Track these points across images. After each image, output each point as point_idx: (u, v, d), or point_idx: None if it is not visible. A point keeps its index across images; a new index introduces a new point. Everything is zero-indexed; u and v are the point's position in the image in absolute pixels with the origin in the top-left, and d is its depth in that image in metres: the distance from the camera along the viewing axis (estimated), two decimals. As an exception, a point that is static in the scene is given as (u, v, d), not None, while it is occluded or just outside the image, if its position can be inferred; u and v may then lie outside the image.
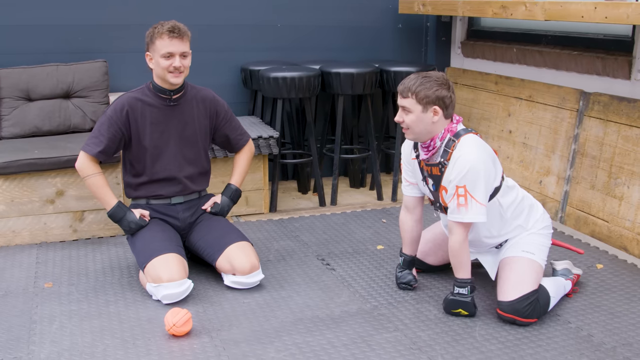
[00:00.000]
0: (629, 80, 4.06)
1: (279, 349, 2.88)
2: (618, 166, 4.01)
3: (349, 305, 3.30)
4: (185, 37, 3.45)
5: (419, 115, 3.03)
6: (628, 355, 2.84)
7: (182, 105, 3.58)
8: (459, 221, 3.05)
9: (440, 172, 3.11)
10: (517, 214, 3.25)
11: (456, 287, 3.15)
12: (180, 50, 3.42)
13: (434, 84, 3.01)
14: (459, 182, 3.01)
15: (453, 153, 3.05)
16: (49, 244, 4.06)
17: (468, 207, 3.00)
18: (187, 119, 3.59)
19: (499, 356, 2.83)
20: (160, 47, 3.41)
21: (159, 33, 3.40)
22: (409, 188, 3.36)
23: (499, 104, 5.05)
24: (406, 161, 3.33)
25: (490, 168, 3.05)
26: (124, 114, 3.49)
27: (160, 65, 3.43)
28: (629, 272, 3.66)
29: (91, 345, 2.92)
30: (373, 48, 5.59)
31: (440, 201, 3.19)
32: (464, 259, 3.11)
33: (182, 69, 3.44)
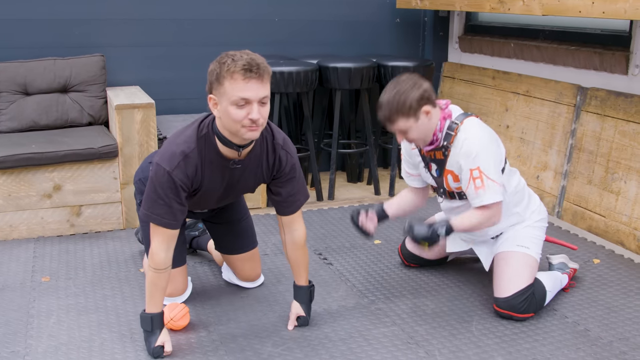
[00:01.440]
0: (626, 76, 4.07)
1: (277, 343, 2.88)
2: (615, 161, 4.02)
3: (346, 299, 3.30)
4: (266, 76, 2.56)
5: (416, 125, 2.98)
6: (624, 349, 2.85)
7: (248, 165, 2.84)
8: (482, 205, 3.00)
9: (443, 155, 3.09)
10: (518, 200, 3.25)
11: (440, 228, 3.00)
12: (259, 96, 2.54)
13: (407, 88, 2.94)
14: (471, 165, 2.97)
15: (457, 136, 3.03)
16: (46, 238, 4.06)
17: (486, 187, 2.97)
18: (247, 176, 2.89)
19: (496, 350, 2.84)
20: (232, 91, 2.52)
21: (229, 71, 2.52)
22: (410, 179, 3.37)
23: (497, 99, 5.05)
24: (406, 153, 3.32)
25: (496, 147, 3.06)
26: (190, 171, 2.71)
27: (231, 116, 2.55)
28: (626, 267, 3.67)
29: (89, 339, 2.92)
30: (370, 43, 5.58)
31: (444, 186, 3.18)
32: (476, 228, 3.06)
33: (260, 121, 2.57)
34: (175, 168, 2.65)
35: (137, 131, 4.10)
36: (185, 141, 2.70)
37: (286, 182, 2.89)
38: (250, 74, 2.50)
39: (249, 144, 2.73)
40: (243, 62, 2.50)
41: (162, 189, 2.66)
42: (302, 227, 3.00)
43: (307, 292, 3.05)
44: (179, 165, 2.65)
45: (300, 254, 3.01)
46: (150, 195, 2.69)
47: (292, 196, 2.91)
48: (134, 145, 4.11)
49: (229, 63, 2.52)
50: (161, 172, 2.65)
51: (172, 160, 2.65)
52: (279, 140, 2.84)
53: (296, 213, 2.96)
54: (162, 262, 2.74)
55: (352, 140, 5.33)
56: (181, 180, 2.66)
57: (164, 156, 2.67)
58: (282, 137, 2.87)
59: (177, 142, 2.71)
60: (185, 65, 5.03)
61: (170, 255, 2.77)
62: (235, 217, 3.33)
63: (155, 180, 2.67)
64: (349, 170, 5.42)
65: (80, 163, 4.03)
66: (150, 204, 2.70)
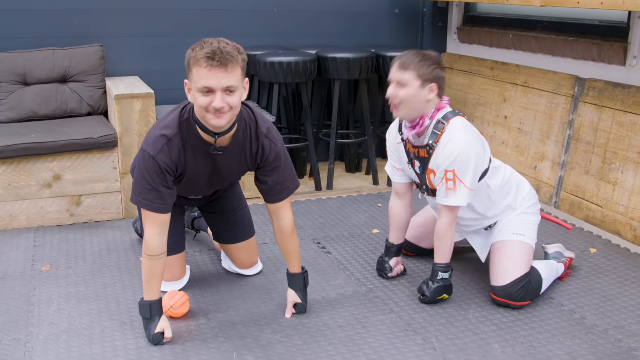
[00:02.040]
0: (624, 67, 4.08)
1: (276, 331, 2.91)
2: (612, 152, 4.04)
3: (345, 288, 3.33)
4: (232, 64, 2.54)
5: (417, 90, 2.99)
6: (620, 337, 2.87)
7: (230, 152, 2.86)
8: (447, 205, 3.07)
9: (427, 154, 3.11)
10: (505, 193, 3.27)
11: (440, 273, 3.15)
12: (223, 85, 2.54)
13: (433, 63, 3.01)
14: (448, 167, 3.01)
15: (442, 137, 3.03)
16: (47, 227, 4.08)
17: (457, 191, 3.02)
18: (230, 163, 2.90)
19: (493, 338, 2.86)
20: (197, 77, 2.56)
21: (195, 59, 2.56)
22: (397, 175, 3.37)
23: (495, 90, 5.07)
24: (392, 147, 3.33)
25: (480, 152, 3.06)
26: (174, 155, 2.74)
27: (198, 103, 2.60)
28: (622, 257, 3.69)
29: (89, 327, 2.94)
30: (370, 33, 5.60)
31: (427, 184, 3.21)
32: (448, 242, 3.13)
33: (225, 109, 2.58)
34: (159, 152, 2.68)
35: (137, 121, 4.12)
36: (168, 126, 2.73)
37: (271, 171, 2.90)
38: (212, 62, 2.51)
39: (228, 131, 2.73)
40: (207, 50, 2.53)
41: (149, 173, 2.70)
42: (290, 215, 3.00)
43: (301, 278, 3.07)
44: (163, 150, 2.69)
45: (289, 241, 3.03)
46: (139, 181, 2.73)
47: (278, 184, 2.92)
48: (134, 135, 4.13)
49: (197, 50, 2.56)
50: (146, 157, 2.69)
51: (155, 145, 2.69)
52: (262, 129, 2.85)
53: (283, 201, 2.96)
54: (156, 248, 2.77)
55: (350, 131, 5.35)
56: (165, 164, 2.69)
57: (149, 141, 2.72)
58: (266, 126, 2.87)
59: (161, 126, 2.75)
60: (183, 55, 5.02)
61: (164, 241, 2.79)
62: (231, 207, 3.36)
63: (142, 166, 2.71)
64: (347, 160, 5.44)
65: (80, 153, 4.05)
66: (140, 189, 2.73)
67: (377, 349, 2.77)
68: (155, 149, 2.69)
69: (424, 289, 3.17)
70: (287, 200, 2.98)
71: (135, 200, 2.76)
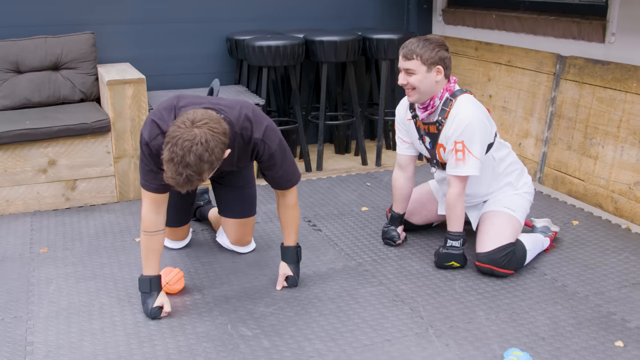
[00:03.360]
0: (603, 44, 4.18)
1: (269, 303, 3.01)
2: (593, 127, 4.15)
3: (335, 262, 3.44)
4: (196, 179, 2.57)
5: (425, 75, 3.17)
6: (599, 302, 2.99)
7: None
8: (456, 175, 3.21)
9: (437, 130, 3.26)
10: (510, 171, 3.43)
11: (449, 240, 3.30)
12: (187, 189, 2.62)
13: (436, 46, 3.17)
14: (457, 138, 3.17)
15: (450, 111, 3.21)
16: (43, 212, 4.17)
17: (465, 161, 3.17)
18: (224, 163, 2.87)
19: (477, 306, 2.98)
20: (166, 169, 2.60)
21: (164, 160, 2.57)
22: (403, 147, 3.52)
23: (479, 70, 5.16)
24: (400, 122, 3.47)
25: (486, 125, 3.22)
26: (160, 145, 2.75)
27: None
28: (603, 228, 3.81)
29: (88, 304, 3.04)
30: (356, 16, 5.68)
31: (437, 158, 3.34)
32: (458, 211, 3.27)
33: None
34: (154, 139, 2.81)
35: (129, 106, 4.20)
36: (163, 118, 2.83)
37: (269, 167, 2.99)
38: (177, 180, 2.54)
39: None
40: (170, 173, 2.53)
41: (145, 156, 2.86)
42: (294, 195, 3.12)
43: (294, 252, 3.18)
44: (157, 138, 2.80)
45: (290, 212, 3.13)
46: (140, 162, 2.92)
47: (278, 178, 3.03)
48: (126, 119, 4.22)
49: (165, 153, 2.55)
50: (143, 142, 2.85)
51: (151, 131, 2.83)
52: (257, 135, 2.89)
53: (288, 190, 3.09)
54: (152, 224, 2.90)
55: (339, 113, 5.44)
56: (156, 150, 2.79)
57: (146, 125, 2.86)
58: (261, 131, 2.90)
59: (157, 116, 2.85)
60: (174, 41, 5.12)
61: (161, 219, 2.93)
62: (239, 184, 3.48)
63: (141, 149, 2.89)
64: (336, 141, 5.54)
65: (74, 138, 4.13)
66: (141, 170, 2.92)
67: (366, 319, 2.88)
68: (151, 135, 2.82)
69: (435, 253, 3.36)
70: (292, 189, 3.11)
71: (140, 181, 2.94)
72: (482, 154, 3.21)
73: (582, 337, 2.73)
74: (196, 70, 5.21)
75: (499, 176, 3.40)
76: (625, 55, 4.04)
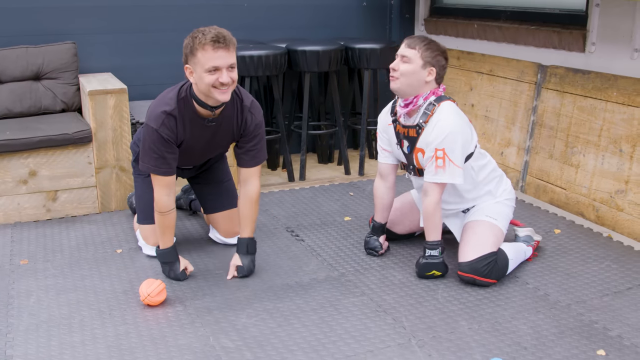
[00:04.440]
0: (584, 53, 4.21)
1: (251, 315, 3.00)
2: (574, 136, 4.17)
3: (317, 273, 3.43)
4: (232, 46, 3.01)
5: (417, 69, 3.21)
6: (581, 311, 3.00)
7: (222, 123, 3.26)
8: (436, 182, 3.21)
9: (416, 133, 3.27)
10: (489, 180, 3.43)
11: (427, 250, 3.30)
12: (227, 63, 2.99)
13: (438, 51, 3.23)
14: (438, 145, 3.18)
15: (432, 117, 3.22)
16: (23, 223, 4.13)
17: (445, 168, 3.18)
18: (221, 133, 3.30)
19: (460, 315, 2.98)
20: (204, 60, 2.97)
21: (200, 44, 2.96)
22: (384, 155, 3.52)
23: (461, 79, 5.18)
24: (382, 129, 3.48)
25: (467, 133, 3.24)
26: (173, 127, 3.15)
27: (204, 81, 2.99)
28: (585, 236, 3.83)
29: (68, 316, 3.01)
30: (338, 26, 5.69)
31: (414, 163, 3.34)
32: (436, 220, 3.27)
33: (229, 83, 3.02)
34: (161, 125, 3.12)
35: (110, 116, 4.18)
36: (167, 103, 3.15)
37: (251, 138, 3.30)
38: (218, 44, 2.95)
39: (221, 105, 3.14)
40: (212, 35, 2.97)
41: (154, 144, 3.14)
42: (257, 184, 3.36)
43: (245, 244, 3.38)
44: (164, 123, 3.12)
45: (251, 206, 3.35)
46: (146, 150, 3.17)
47: (252, 150, 3.31)
48: (108, 130, 4.20)
49: (200, 37, 2.98)
50: (151, 131, 3.13)
51: (157, 119, 3.12)
52: (246, 103, 3.27)
53: (254, 168, 3.34)
54: (165, 205, 3.23)
55: (322, 122, 5.44)
56: (167, 135, 3.13)
57: (151, 117, 3.15)
58: (249, 100, 3.29)
59: (161, 103, 3.17)
60: (156, 50, 5.10)
61: (172, 199, 3.25)
62: (218, 179, 3.74)
63: (147, 138, 3.16)
64: (319, 151, 5.54)
65: (55, 149, 4.11)
66: (147, 158, 3.18)
67: (349, 329, 2.87)
68: (157, 123, 3.12)
69: (416, 264, 3.36)
70: (257, 169, 3.36)
71: (145, 167, 3.20)
72: (462, 162, 3.22)
73: (565, 346, 2.74)
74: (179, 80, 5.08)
75: (478, 184, 3.41)
76: (605, 65, 4.07)
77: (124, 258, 3.62)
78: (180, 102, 3.15)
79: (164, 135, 3.12)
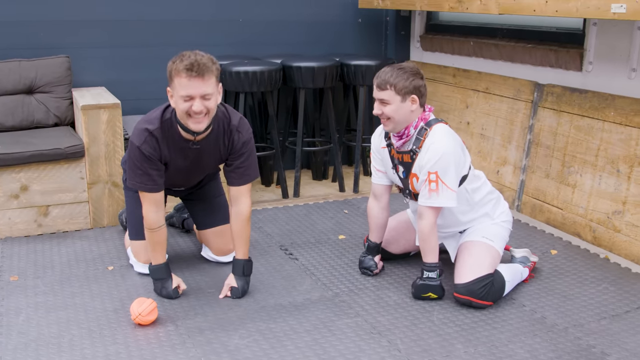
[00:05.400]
0: (581, 72, 4.19)
1: (243, 336, 2.95)
2: (571, 155, 4.14)
3: (311, 292, 3.38)
4: (208, 74, 2.93)
5: (399, 105, 3.15)
6: (579, 335, 2.96)
7: (206, 146, 3.24)
8: (429, 205, 3.17)
9: (411, 159, 3.23)
10: (486, 201, 3.40)
11: (425, 272, 3.26)
12: (200, 92, 2.93)
13: (410, 74, 3.15)
14: (430, 168, 3.13)
15: (425, 141, 3.18)
16: (14, 238, 4.08)
17: (439, 192, 3.13)
18: (207, 155, 3.29)
19: (456, 338, 2.93)
20: (179, 87, 2.94)
21: (176, 70, 2.93)
22: (377, 176, 3.48)
23: (457, 96, 5.16)
24: (376, 150, 3.45)
25: (460, 156, 3.20)
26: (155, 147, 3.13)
27: (179, 107, 2.99)
28: (582, 257, 3.79)
29: (58, 335, 2.96)
30: (334, 42, 5.67)
31: (410, 188, 3.31)
32: (432, 243, 3.23)
33: (203, 112, 2.98)
34: (143, 143, 3.11)
35: (103, 131, 4.14)
36: (151, 121, 3.14)
37: (238, 156, 3.27)
38: (191, 73, 2.90)
39: (205, 130, 3.12)
40: (187, 62, 2.91)
41: (138, 161, 3.14)
42: (248, 203, 3.32)
43: (240, 264, 3.33)
44: (146, 141, 3.11)
45: (243, 226, 3.32)
46: (132, 167, 3.18)
47: (240, 168, 3.28)
48: (101, 145, 4.16)
49: (177, 63, 2.94)
50: (134, 148, 3.14)
51: (140, 137, 3.12)
52: (234, 123, 3.24)
53: (244, 186, 3.31)
54: (153, 221, 3.22)
55: (316, 139, 5.41)
56: (149, 153, 3.12)
57: (135, 134, 3.15)
58: (237, 119, 3.26)
59: (145, 121, 3.16)
60: (150, 65, 5.07)
61: (160, 215, 3.23)
62: (210, 194, 3.73)
63: (132, 155, 3.16)
64: (314, 167, 5.50)
65: (47, 163, 4.06)
66: (133, 175, 3.18)
67: (343, 352, 2.83)
68: (140, 140, 3.11)
69: (413, 284, 3.32)
70: (247, 187, 3.32)
71: (131, 184, 3.20)
72: (456, 185, 3.18)
73: (562, 371, 2.70)
74: (173, 94, 5.15)
75: (474, 206, 3.37)
76: (603, 84, 4.05)
77: (115, 276, 3.57)
78: (164, 123, 3.14)
79: (146, 153, 3.11)
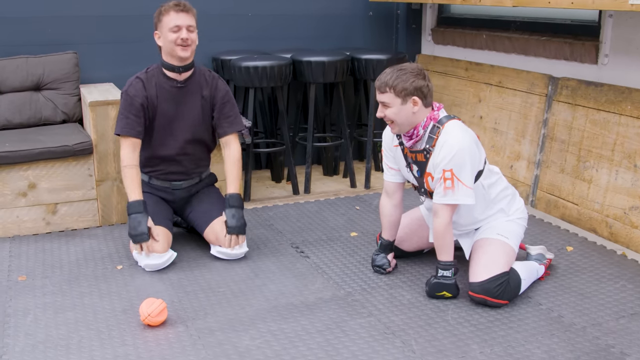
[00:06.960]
0: (596, 65, 4.12)
1: (254, 337, 2.90)
2: (586, 150, 4.07)
3: (323, 292, 3.33)
4: (191, 12, 3.57)
5: (399, 108, 3.09)
6: (597, 335, 2.89)
7: (190, 87, 3.68)
8: (445, 203, 3.11)
9: (425, 158, 3.17)
10: (501, 197, 3.33)
11: (440, 270, 3.20)
12: (186, 23, 3.53)
13: (410, 76, 3.06)
14: (445, 166, 3.07)
15: (438, 139, 3.11)
16: (22, 237, 4.04)
17: (455, 189, 3.07)
18: (194, 101, 3.70)
19: (471, 338, 2.87)
20: (168, 21, 3.52)
21: (165, 10, 3.54)
22: (390, 173, 3.41)
23: (470, 90, 5.09)
24: (387, 148, 3.38)
25: (475, 152, 3.13)
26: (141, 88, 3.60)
27: (168, 39, 3.53)
28: (598, 254, 3.72)
29: (66, 337, 2.92)
30: (344, 36, 5.61)
31: (425, 187, 3.24)
32: (447, 241, 3.17)
33: (189, 41, 3.54)
34: (130, 87, 3.61)
35: (112, 127, 4.09)
36: (137, 74, 3.67)
37: (223, 104, 3.74)
38: (179, 8, 3.52)
39: (188, 68, 3.64)
40: (174, 1, 3.53)
41: (122, 107, 3.61)
42: (238, 147, 3.76)
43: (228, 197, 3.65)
44: (132, 84, 3.61)
45: (234, 165, 3.72)
46: (118, 116, 3.62)
47: (231, 117, 3.76)
48: (109, 142, 4.11)
49: (164, 5, 3.55)
50: (122, 94, 3.62)
51: (128, 83, 3.63)
52: (213, 73, 3.78)
53: (232, 134, 3.76)
54: (131, 160, 3.57)
55: (327, 134, 5.35)
56: (133, 93, 3.59)
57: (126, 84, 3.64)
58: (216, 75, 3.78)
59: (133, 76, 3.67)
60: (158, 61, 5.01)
61: (134, 156, 3.58)
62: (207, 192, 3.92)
63: (120, 104, 3.62)
64: (324, 163, 5.44)
65: (55, 161, 4.02)
66: (118, 122, 3.62)
67: (356, 353, 2.77)
68: (127, 85, 3.62)
69: (427, 283, 3.26)
70: (235, 135, 3.77)
71: (116, 131, 3.61)
72: (472, 182, 3.11)
73: (580, 372, 2.64)
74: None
75: (490, 203, 3.31)
76: (619, 77, 3.97)
77: (124, 275, 3.53)
78: (149, 71, 3.66)
79: (130, 94, 3.57)
